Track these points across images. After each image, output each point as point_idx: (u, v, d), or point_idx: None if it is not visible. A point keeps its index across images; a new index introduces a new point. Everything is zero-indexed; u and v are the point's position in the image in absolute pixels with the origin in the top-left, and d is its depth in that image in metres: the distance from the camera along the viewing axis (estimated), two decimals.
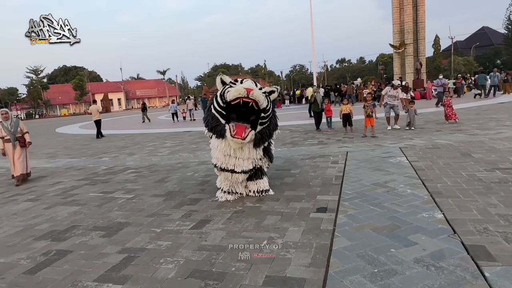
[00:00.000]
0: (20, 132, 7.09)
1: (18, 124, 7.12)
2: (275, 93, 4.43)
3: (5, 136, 6.94)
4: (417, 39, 34.69)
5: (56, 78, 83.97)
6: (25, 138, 7.15)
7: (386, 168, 5.78)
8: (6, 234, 4.18)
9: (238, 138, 4.10)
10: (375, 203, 4.19)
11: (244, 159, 4.40)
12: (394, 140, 8.47)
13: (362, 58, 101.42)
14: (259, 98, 4.00)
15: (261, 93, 4.05)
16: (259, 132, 4.29)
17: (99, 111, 15.93)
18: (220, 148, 4.42)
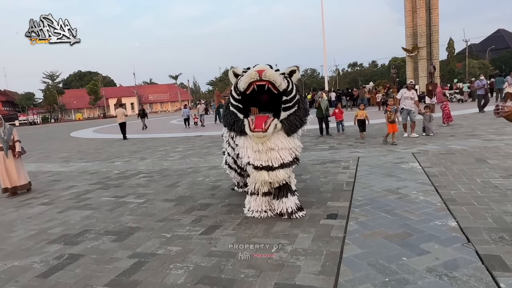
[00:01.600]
0: (12, 140, 6.57)
1: (11, 131, 6.62)
2: (297, 73, 3.81)
3: None
4: (430, 43, 34.29)
5: (72, 83, 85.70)
6: (15, 147, 6.57)
7: (398, 174, 5.70)
8: (21, 237, 4.27)
9: (258, 131, 3.57)
10: (387, 210, 4.13)
11: (280, 149, 3.79)
12: (407, 145, 8.35)
13: (374, 62, 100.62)
14: (274, 78, 3.42)
15: (276, 73, 3.50)
16: (286, 120, 3.71)
17: (125, 115, 16.72)
18: (247, 145, 3.87)
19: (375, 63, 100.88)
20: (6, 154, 6.47)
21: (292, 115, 3.75)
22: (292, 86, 3.66)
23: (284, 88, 3.55)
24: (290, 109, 3.71)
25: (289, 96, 3.64)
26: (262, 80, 3.39)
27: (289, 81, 3.64)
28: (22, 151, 6.77)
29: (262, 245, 3.43)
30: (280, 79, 3.49)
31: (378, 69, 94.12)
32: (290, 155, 3.89)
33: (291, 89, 3.64)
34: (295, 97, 3.71)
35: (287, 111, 3.70)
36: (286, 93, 3.61)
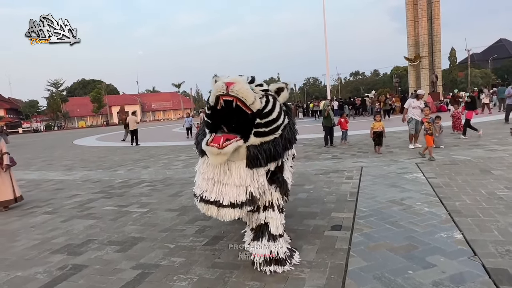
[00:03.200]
0: (0, 152, 6.19)
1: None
2: (285, 92, 3.11)
3: None
4: (432, 52, 34.46)
5: (75, 91, 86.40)
6: (4, 159, 6.17)
7: (402, 185, 5.67)
8: (24, 247, 4.26)
9: (213, 146, 2.70)
10: (391, 221, 4.10)
11: (233, 185, 2.86)
12: (410, 155, 8.33)
13: (376, 71, 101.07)
14: (244, 94, 2.66)
15: (247, 88, 2.70)
16: (254, 146, 2.82)
17: (136, 122, 17.31)
18: (200, 169, 3.05)
19: (377, 72, 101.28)
20: None
21: (267, 143, 2.87)
22: (272, 108, 2.85)
23: (259, 109, 2.76)
24: (265, 136, 2.85)
25: (264, 120, 2.80)
26: (229, 95, 2.66)
27: (269, 100, 2.85)
28: (11, 163, 6.34)
29: None
30: (252, 97, 2.70)
31: (380, 78, 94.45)
32: (245, 193, 2.88)
33: (269, 110, 2.82)
34: (275, 121, 2.87)
35: (260, 137, 2.83)
36: (261, 115, 2.79)
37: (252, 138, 2.82)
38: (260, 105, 2.78)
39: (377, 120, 9.35)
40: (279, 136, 2.96)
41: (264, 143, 2.87)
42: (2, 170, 6.13)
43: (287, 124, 3.08)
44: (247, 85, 2.75)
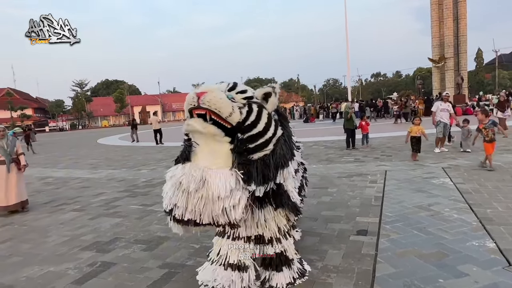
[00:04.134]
0: (16, 153, 6.12)
1: (14, 144, 6.12)
2: (273, 97, 2.53)
3: None
4: (458, 53, 33.50)
5: (99, 91, 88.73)
6: (20, 160, 6.13)
7: (429, 190, 5.53)
8: (55, 243, 4.41)
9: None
10: (419, 227, 4.01)
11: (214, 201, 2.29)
12: (436, 160, 8.12)
13: (398, 72, 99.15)
14: (217, 105, 2.24)
15: (221, 97, 2.28)
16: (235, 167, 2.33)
17: (158, 122, 18.01)
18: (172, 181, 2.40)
19: (399, 73, 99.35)
20: (8, 169, 5.92)
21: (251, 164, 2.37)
22: (257, 119, 2.37)
23: (239, 121, 2.32)
24: (253, 152, 2.38)
25: (247, 134, 2.34)
26: (201, 107, 2.27)
27: (251, 110, 2.38)
28: (26, 164, 6.31)
29: None
30: (227, 108, 2.27)
31: (402, 79, 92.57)
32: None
33: (252, 122, 2.35)
34: (261, 135, 2.38)
35: (240, 156, 2.35)
36: (242, 129, 2.33)
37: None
38: (239, 117, 2.32)
39: (415, 124, 8.46)
40: (270, 153, 2.43)
41: (245, 162, 2.35)
42: (20, 171, 6.13)
43: (281, 136, 2.52)
44: (222, 94, 2.30)
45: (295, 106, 41.14)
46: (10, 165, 5.95)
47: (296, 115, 36.71)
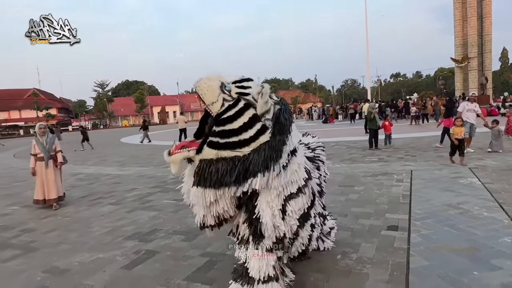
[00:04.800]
0: (54, 150, 6.36)
1: (53, 141, 6.35)
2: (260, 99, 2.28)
3: (38, 153, 6.22)
4: (482, 53, 32.77)
5: (119, 92, 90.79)
6: (57, 157, 6.36)
7: (457, 189, 5.57)
8: (99, 233, 4.71)
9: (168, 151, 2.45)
10: (450, 224, 4.09)
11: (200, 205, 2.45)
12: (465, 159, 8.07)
13: (418, 73, 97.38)
14: (201, 91, 2.28)
15: (209, 85, 2.28)
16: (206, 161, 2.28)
17: (185, 121, 19.11)
18: None
19: (419, 73, 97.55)
20: (46, 164, 6.17)
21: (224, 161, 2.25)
22: (235, 115, 2.25)
23: (217, 113, 2.28)
24: (220, 149, 2.25)
25: (220, 128, 2.25)
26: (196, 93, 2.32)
27: (235, 105, 2.27)
28: (63, 161, 6.54)
29: (324, 253, 3.56)
30: (212, 96, 2.26)
31: (422, 80, 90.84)
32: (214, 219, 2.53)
33: (228, 117, 2.24)
34: (234, 133, 2.23)
35: (214, 149, 2.25)
36: (217, 121, 2.27)
37: (206, 150, 2.27)
38: (219, 108, 2.26)
39: (457, 125, 7.91)
40: (245, 156, 2.24)
41: (221, 160, 2.25)
42: (56, 168, 6.35)
43: (265, 143, 2.26)
44: (212, 83, 2.28)
45: (314, 107, 41.01)
46: (48, 162, 6.20)
47: (315, 116, 36.63)
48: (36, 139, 6.26)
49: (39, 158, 6.20)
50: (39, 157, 6.20)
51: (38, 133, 6.26)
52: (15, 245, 4.48)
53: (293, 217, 2.44)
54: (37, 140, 6.23)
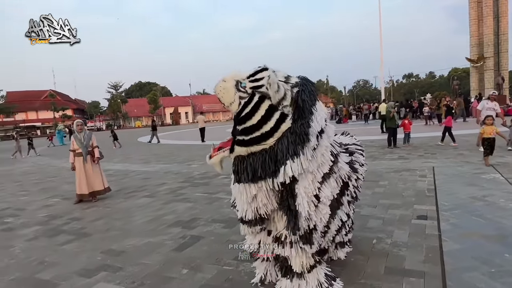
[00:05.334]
0: (91, 146, 6.68)
1: (90, 137, 6.70)
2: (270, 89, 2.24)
3: (76, 149, 6.56)
4: (498, 52, 32.40)
5: (132, 93, 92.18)
6: (95, 152, 6.68)
7: (481, 184, 5.75)
8: (142, 221, 5.05)
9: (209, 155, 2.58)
10: (477, 214, 4.30)
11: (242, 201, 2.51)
12: (483, 157, 8.20)
13: (432, 73, 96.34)
14: (219, 94, 2.35)
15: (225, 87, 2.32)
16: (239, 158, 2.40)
17: (204, 121, 19.86)
18: None
19: (432, 74, 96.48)
20: (85, 159, 6.52)
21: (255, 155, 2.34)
22: (252, 111, 2.28)
23: (236, 111, 2.33)
24: (247, 145, 2.32)
25: (242, 126, 2.32)
26: None
27: (250, 101, 2.29)
28: (100, 156, 6.81)
29: (360, 238, 3.82)
30: (229, 98, 2.31)
31: (436, 80, 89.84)
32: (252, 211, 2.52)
33: (246, 114, 2.29)
34: (257, 128, 2.28)
35: (244, 147, 2.33)
36: (238, 120, 2.34)
37: (237, 148, 2.35)
38: (236, 108, 2.31)
39: (487, 124, 7.57)
40: (271, 147, 2.30)
41: (252, 155, 2.33)
42: (94, 163, 6.64)
43: (287, 131, 2.29)
44: (227, 84, 2.31)
45: (327, 107, 41.10)
46: (86, 157, 6.52)
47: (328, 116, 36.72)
48: (74, 136, 6.60)
49: (77, 153, 6.52)
50: (78, 152, 6.52)
51: (76, 130, 6.61)
52: (67, 231, 4.86)
53: (326, 204, 2.45)
54: (75, 137, 6.57)
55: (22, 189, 8.51)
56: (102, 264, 3.63)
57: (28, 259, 3.91)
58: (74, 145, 6.55)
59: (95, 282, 3.22)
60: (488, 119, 7.67)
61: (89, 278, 3.31)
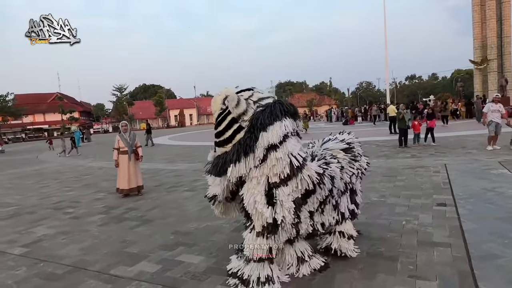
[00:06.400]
0: (135, 145, 7.29)
1: (135, 137, 7.34)
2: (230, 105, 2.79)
3: (121, 147, 7.16)
4: (501, 54, 33.00)
5: (137, 95, 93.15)
6: (138, 151, 7.31)
7: (490, 178, 6.43)
8: (195, 210, 5.76)
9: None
10: (490, 202, 4.99)
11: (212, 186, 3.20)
12: (490, 155, 8.89)
13: (434, 75, 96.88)
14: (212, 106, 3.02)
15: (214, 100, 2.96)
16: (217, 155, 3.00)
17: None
18: None
19: (435, 75, 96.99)
20: (130, 158, 7.11)
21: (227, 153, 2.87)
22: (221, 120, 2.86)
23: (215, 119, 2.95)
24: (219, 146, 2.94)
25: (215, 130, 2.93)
26: None
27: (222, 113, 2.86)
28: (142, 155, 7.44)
29: (391, 220, 4.51)
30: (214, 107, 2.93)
31: (438, 82, 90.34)
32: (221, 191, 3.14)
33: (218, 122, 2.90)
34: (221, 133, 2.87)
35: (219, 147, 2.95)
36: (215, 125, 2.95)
37: (217, 148, 2.98)
38: (216, 116, 2.93)
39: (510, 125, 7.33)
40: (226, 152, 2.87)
41: (219, 155, 2.94)
42: (138, 161, 7.33)
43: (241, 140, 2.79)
44: (218, 98, 2.89)
45: (333, 109, 41.82)
46: (131, 155, 7.17)
47: (334, 118, 37.44)
48: (120, 135, 7.26)
49: (122, 151, 7.17)
50: (122, 151, 7.17)
51: (121, 130, 7.33)
52: (130, 218, 5.58)
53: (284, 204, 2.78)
54: (121, 136, 7.23)
55: (65, 186, 9.23)
56: (177, 241, 4.34)
57: (110, 239, 4.63)
58: (120, 143, 7.19)
59: (178, 253, 3.94)
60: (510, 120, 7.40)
61: (171, 251, 4.02)
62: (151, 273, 3.51)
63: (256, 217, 2.88)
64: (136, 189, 7.29)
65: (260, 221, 2.86)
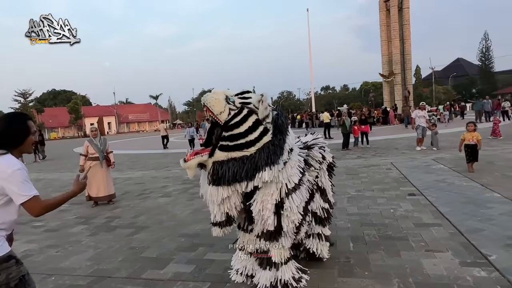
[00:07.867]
0: (106, 151, 6.95)
1: (106, 142, 6.98)
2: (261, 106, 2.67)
3: (90, 153, 6.79)
4: (404, 69, 38.00)
5: (45, 102, 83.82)
6: (110, 157, 6.99)
7: (435, 172, 7.59)
8: (186, 213, 5.72)
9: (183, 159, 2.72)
10: (447, 190, 5.97)
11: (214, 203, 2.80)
12: (422, 154, 10.39)
13: (345, 86, 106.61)
14: (210, 103, 2.65)
15: (216, 98, 2.66)
16: (219, 162, 2.64)
17: (165, 129, 21.27)
18: None
19: (346, 86, 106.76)
20: (101, 164, 6.76)
21: (235, 160, 2.62)
22: (241, 121, 2.64)
23: (225, 120, 2.66)
24: (230, 150, 2.63)
25: (229, 132, 2.64)
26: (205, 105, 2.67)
27: (240, 112, 2.67)
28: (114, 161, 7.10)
29: (380, 209, 5.12)
30: (219, 107, 2.64)
31: (350, 92, 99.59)
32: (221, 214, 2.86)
33: (235, 123, 2.64)
34: (242, 136, 2.62)
35: (225, 152, 2.63)
36: (226, 127, 2.66)
37: (218, 153, 2.64)
38: (226, 117, 2.65)
39: (469, 130, 7.58)
40: (252, 155, 2.62)
41: (232, 160, 2.61)
42: (112, 167, 6.99)
43: (268, 143, 2.66)
44: (219, 96, 2.67)
45: None
46: (103, 162, 6.75)
47: None
48: (89, 140, 6.86)
49: (91, 158, 6.75)
50: (92, 157, 6.74)
51: (91, 135, 6.91)
52: (119, 226, 5.29)
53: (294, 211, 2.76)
54: (90, 141, 6.82)
55: None
56: (192, 243, 4.32)
57: (114, 247, 4.38)
58: (90, 149, 6.77)
59: (203, 253, 3.96)
60: (470, 126, 7.68)
61: (194, 252, 4.02)
62: (188, 273, 3.50)
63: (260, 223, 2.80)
64: (108, 198, 6.85)
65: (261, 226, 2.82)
